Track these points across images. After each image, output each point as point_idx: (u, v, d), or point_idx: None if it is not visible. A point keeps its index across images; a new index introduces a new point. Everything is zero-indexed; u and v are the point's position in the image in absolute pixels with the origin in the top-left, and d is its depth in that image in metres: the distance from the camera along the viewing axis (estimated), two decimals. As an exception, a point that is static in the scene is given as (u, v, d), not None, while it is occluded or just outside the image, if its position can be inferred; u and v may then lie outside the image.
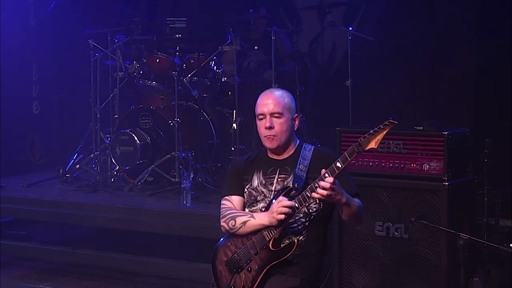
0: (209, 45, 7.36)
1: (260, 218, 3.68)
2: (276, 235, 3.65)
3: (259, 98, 3.90)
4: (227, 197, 3.90)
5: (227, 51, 7.16)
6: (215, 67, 7.22)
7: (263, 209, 3.76)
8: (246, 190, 3.86)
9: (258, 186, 3.82)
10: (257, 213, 3.75)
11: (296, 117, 3.87)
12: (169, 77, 7.07)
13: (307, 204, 3.62)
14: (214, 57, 7.17)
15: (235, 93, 7.04)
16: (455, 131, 4.99)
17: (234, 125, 7.09)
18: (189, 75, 7.09)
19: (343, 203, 3.60)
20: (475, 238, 4.75)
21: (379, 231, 5.01)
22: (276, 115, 3.80)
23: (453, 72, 7.02)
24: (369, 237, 5.05)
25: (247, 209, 3.85)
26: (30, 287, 6.19)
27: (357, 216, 3.74)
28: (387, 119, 3.46)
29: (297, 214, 3.67)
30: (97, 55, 7.32)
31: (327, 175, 3.50)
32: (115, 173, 7.22)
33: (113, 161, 7.08)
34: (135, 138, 6.89)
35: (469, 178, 5.12)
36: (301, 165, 3.75)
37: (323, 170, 3.53)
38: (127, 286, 6.18)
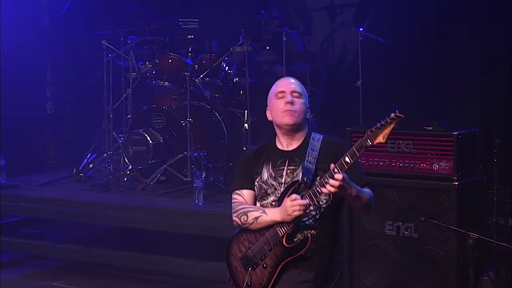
0: (221, 45, 7.39)
1: (272, 214, 3.67)
2: (289, 230, 3.64)
3: (277, 82, 3.89)
4: (237, 191, 3.88)
5: (239, 51, 7.18)
6: (227, 67, 7.24)
7: (273, 203, 3.76)
8: (256, 183, 3.83)
9: (268, 179, 3.80)
10: (269, 208, 3.74)
11: (308, 108, 3.87)
12: (181, 78, 7.10)
13: (318, 199, 3.62)
14: (226, 58, 7.20)
15: (246, 94, 7.07)
16: (465, 131, 4.99)
17: (246, 125, 7.10)
18: (201, 76, 7.13)
19: (353, 196, 3.59)
20: (485, 238, 4.74)
21: (389, 230, 5.02)
22: (296, 94, 3.80)
23: (462, 72, 7.00)
24: (379, 236, 5.05)
25: (258, 203, 3.84)
26: (44, 285, 6.23)
27: (367, 206, 3.73)
28: (391, 112, 3.42)
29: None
30: (110, 55, 7.38)
31: (336, 170, 3.48)
32: (127, 172, 7.26)
33: (126, 160, 7.12)
34: (148, 138, 6.92)
35: (478, 178, 5.11)
36: (310, 157, 3.72)
37: (332, 164, 3.52)
38: (139, 284, 6.20)
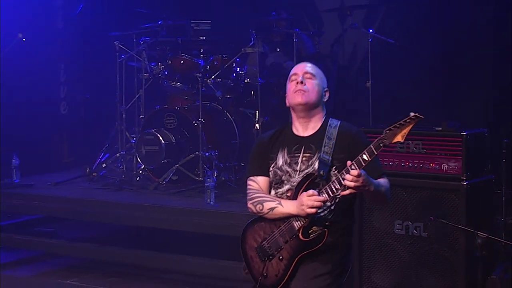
0: (232, 47, 7.42)
1: (288, 207, 3.64)
2: (306, 223, 3.62)
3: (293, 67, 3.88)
4: (252, 178, 3.83)
5: (250, 52, 7.23)
6: (238, 68, 7.27)
7: (288, 193, 3.72)
8: (271, 169, 3.78)
9: (283, 166, 3.74)
10: (285, 200, 3.69)
11: (326, 91, 3.82)
12: (193, 78, 7.14)
13: (335, 195, 3.58)
14: (237, 59, 7.24)
15: (257, 94, 7.10)
16: (473, 132, 5.01)
17: (257, 125, 7.14)
18: (213, 76, 7.16)
19: (371, 191, 3.56)
20: (493, 237, 4.78)
21: (398, 229, 5.03)
22: (308, 75, 3.77)
23: (471, 73, 7.02)
24: (388, 235, 5.07)
25: (273, 191, 3.80)
26: (57, 282, 6.26)
27: (384, 199, 3.74)
28: (409, 114, 3.40)
29: None
30: (122, 56, 7.42)
31: (353, 167, 3.45)
32: (140, 172, 7.30)
33: (139, 160, 7.16)
34: (160, 138, 6.96)
35: (487, 178, 5.13)
36: (326, 147, 3.67)
37: (348, 161, 3.49)
38: (151, 283, 6.22)
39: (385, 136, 3.42)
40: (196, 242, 6.44)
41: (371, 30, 7.17)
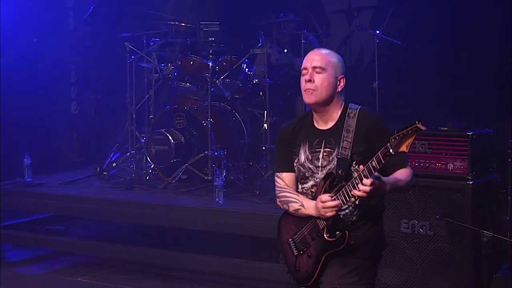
0: (241, 48, 7.47)
1: (309, 209, 3.60)
2: (329, 222, 3.57)
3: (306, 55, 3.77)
4: (278, 174, 3.78)
5: (258, 53, 7.27)
6: (247, 69, 7.32)
7: (313, 189, 3.66)
8: (295, 164, 3.72)
9: (305, 162, 3.69)
10: (306, 201, 3.64)
11: (341, 78, 3.71)
12: (202, 79, 7.18)
13: (351, 198, 3.49)
14: (246, 60, 7.29)
15: (266, 94, 7.14)
16: (479, 132, 5.05)
17: (265, 125, 7.18)
18: (222, 77, 7.21)
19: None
20: (499, 236, 4.76)
21: (404, 228, 5.07)
22: (318, 70, 3.65)
23: (477, 74, 7.03)
24: (395, 234, 5.10)
25: (300, 185, 3.74)
26: (68, 280, 6.32)
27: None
28: (415, 120, 3.32)
29: None
30: (133, 57, 7.46)
31: (365, 173, 3.38)
32: (150, 171, 7.34)
33: (148, 159, 7.21)
34: (170, 137, 7.01)
35: (492, 177, 5.17)
36: (344, 142, 3.59)
37: (361, 166, 3.43)
38: (161, 280, 6.26)
39: (391, 144, 3.34)
40: (205, 241, 6.47)
41: (378, 31, 7.19)
